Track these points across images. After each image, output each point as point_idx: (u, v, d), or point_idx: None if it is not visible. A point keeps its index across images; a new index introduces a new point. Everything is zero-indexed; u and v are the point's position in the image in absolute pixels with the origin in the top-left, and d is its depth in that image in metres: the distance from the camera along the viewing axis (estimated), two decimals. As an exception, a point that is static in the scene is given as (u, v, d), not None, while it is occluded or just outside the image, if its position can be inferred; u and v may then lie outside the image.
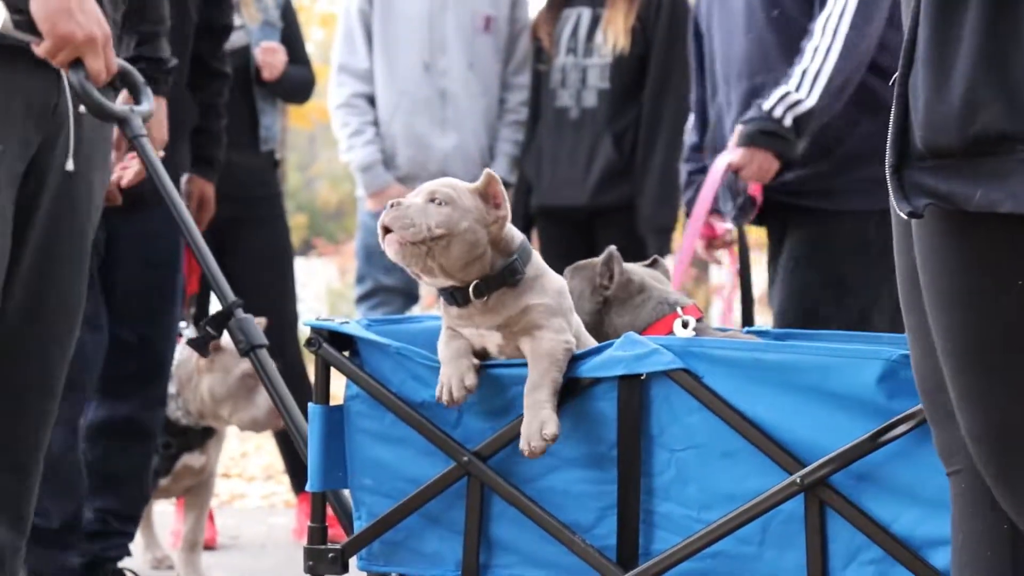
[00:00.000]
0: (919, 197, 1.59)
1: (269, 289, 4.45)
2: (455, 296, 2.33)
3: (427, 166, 4.64)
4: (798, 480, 2.19)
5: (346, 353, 2.42)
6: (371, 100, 4.70)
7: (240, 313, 2.77)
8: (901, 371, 2.15)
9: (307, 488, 2.43)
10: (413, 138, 4.67)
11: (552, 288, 2.36)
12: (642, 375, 2.27)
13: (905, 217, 1.61)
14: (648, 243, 4.59)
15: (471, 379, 2.29)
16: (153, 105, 2.95)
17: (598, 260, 2.63)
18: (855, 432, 2.17)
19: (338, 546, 2.41)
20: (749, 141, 3.39)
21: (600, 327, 2.55)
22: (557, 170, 4.65)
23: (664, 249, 4.66)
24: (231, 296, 2.78)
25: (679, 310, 2.56)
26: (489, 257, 2.31)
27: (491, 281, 2.31)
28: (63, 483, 3.29)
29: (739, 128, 3.43)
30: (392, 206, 2.27)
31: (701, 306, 9.07)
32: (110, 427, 3.60)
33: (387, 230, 2.27)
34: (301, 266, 17.25)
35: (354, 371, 2.40)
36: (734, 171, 3.40)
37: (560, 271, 2.68)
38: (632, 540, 2.29)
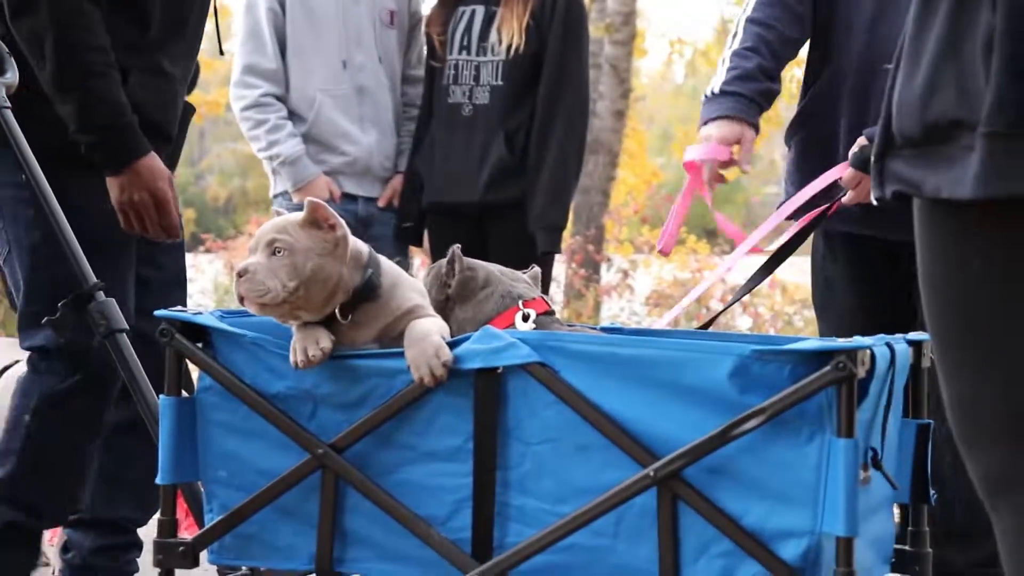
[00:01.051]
0: (891, 184, 1.65)
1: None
2: (322, 322, 2.33)
3: (355, 164, 4.60)
4: (651, 473, 2.20)
5: (199, 344, 2.38)
6: (280, 100, 4.63)
7: (101, 296, 2.72)
8: (753, 366, 2.17)
9: (157, 480, 2.39)
10: (337, 136, 4.61)
11: (416, 289, 2.40)
12: (499, 368, 2.26)
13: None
14: (538, 240, 4.58)
15: (326, 342, 2.29)
16: (17, 76, 2.89)
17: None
18: (707, 426, 2.18)
19: (188, 539, 2.38)
20: (862, 166, 3.16)
21: (446, 322, 2.54)
22: (450, 167, 4.63)
23: (554, 246, 4.66)
24: (92, 278, 2.73)
25: (520, 304, 2.56)
26: (347, 279, 2.32)
27: (353, 300, 2.33)
28: (73, 490, 3.13)
29: (860, 143, 3.21)
30: (240, 275, 2.29)
31: (590, 305, 9.10)
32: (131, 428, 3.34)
33: (244, 297, 2.29)
34: (189, 261, 17.12)
35: (207, 362, 2.37)
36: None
37: None
38: (487, 533, 2.29)
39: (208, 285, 14.84)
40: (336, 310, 2.32)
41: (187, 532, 4.26)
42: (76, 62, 2.91)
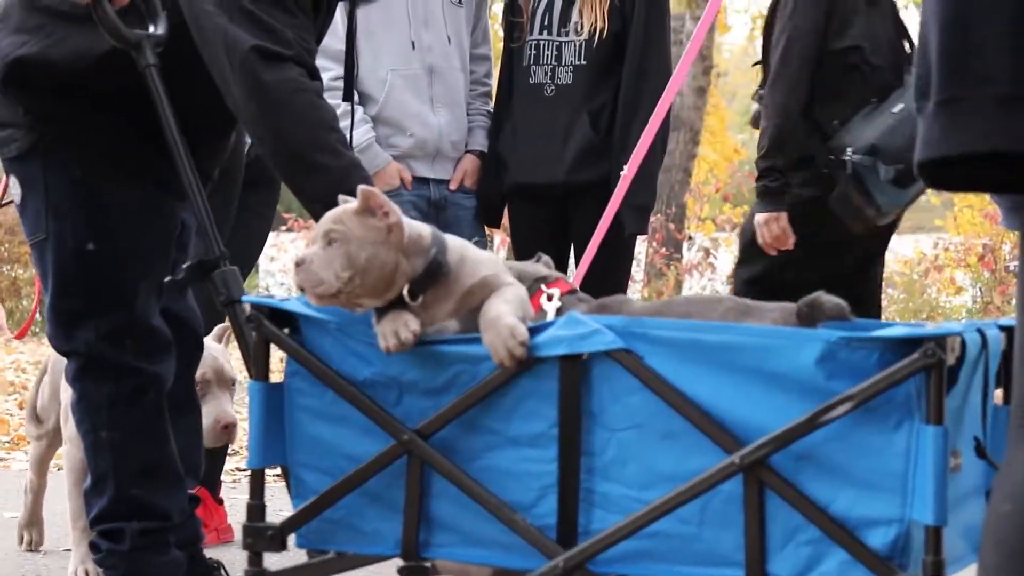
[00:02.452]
0: None
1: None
2: (394, 304, 2.34)
3: (425, 145, 4.60)
4: (737, 460, 2.19)
5: (287, 330, 2.40)
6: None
7: (226, 265, 2.71)
8: (840, 353, 2.15)
9: (247, 465, 2.41)
10: (409, 118, 4.61)
11: (484, 261, 2.39)
12: (583, 355, 2.26)
13: None
14: (625, 221, 4.57)
15: (415, 324, 2.30)
16: (166, 31, 2.84)
17: None
18: (794, 413, 2.17)
19: (276, 524, 2.40)
20: None
21: None
22: (532, 147, 4.61)
23: (642, 227, 4.64)
24: (221, 247, 2.73)
25: (543, 287, 2.57)
26: (406, 264, 2.33)
27: (420, 282, 2.33)
28: (177, 476, 3.13)
29: None
30: (297, 265, 2.31)
31: (672, 284, 9.07)
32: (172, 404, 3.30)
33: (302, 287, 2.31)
34: (271, 240, 17.21)
35: (294, 348, 2.39)
36: None
37: (533, 249, 2.68)
38: (572, 519, 2.29)
39: (290, 264, 14.95)
40: (404, 293, 2.32)
41: (215, 531, 4.30)
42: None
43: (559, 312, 2.53)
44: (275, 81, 2.81)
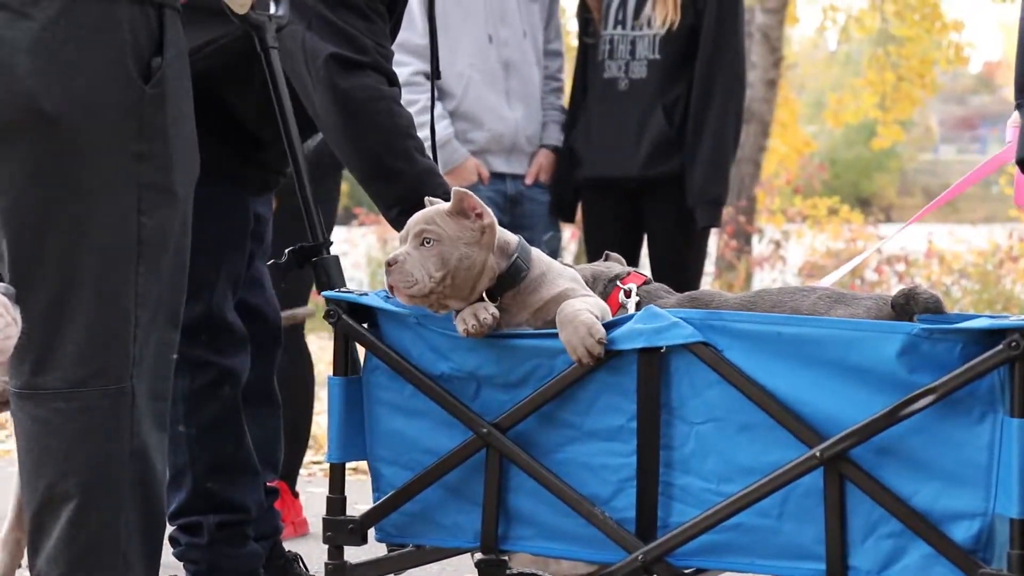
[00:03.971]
0: None
1: None
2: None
3: (502, 140, 4.60)
4: (818, 453, 2.18)
5: (365, 325, 2.42)
6: (428, 77, 4.63)
7: (327, 253, 2.73)
8: (922, 345, 2.14)
9: (327, 459, 2.43)
10: (486, 112, 4.62)
11: (567, 276, 2.41)
12: (662, 348, 2.26)
13: None
14: (698, 215, 4.56)
15: (493, 309, 2.31)
16: (288, 12, 2.80)
17: None
18: (875, 406, 2.16)
19: (356, 517, 2.41)
20: None
21: None
22: (607, 141, 4.61)
23: (715, 221, 4.63)
24: (324, 234, 2.74)
25: (619, 283, 2.57)
26: (492, 266, 2.34)
27: (500, 285, 2.35)
28: (253, 470, 3.14)
29: None
30: (390, 265, 2.32)
31: (742, 277, 9.04)
32: (248, 396, 3.29)
33: (393, 287, 2.32)
34: (342, 235, 17.31)
35: (373, 343, 2.40)
36: None
37: (606, 244, 2.68)
38: (651, 512, 2.29)
39: (361, 259, 15.02)
40: (484, 295, 2.34)
41: (291, 524, 4.30)
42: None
43: (639, 306, 2.52)
44: (353, 89, 2.82)
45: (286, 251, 2.63)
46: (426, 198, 2.44)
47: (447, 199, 2.49)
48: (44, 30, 2.15)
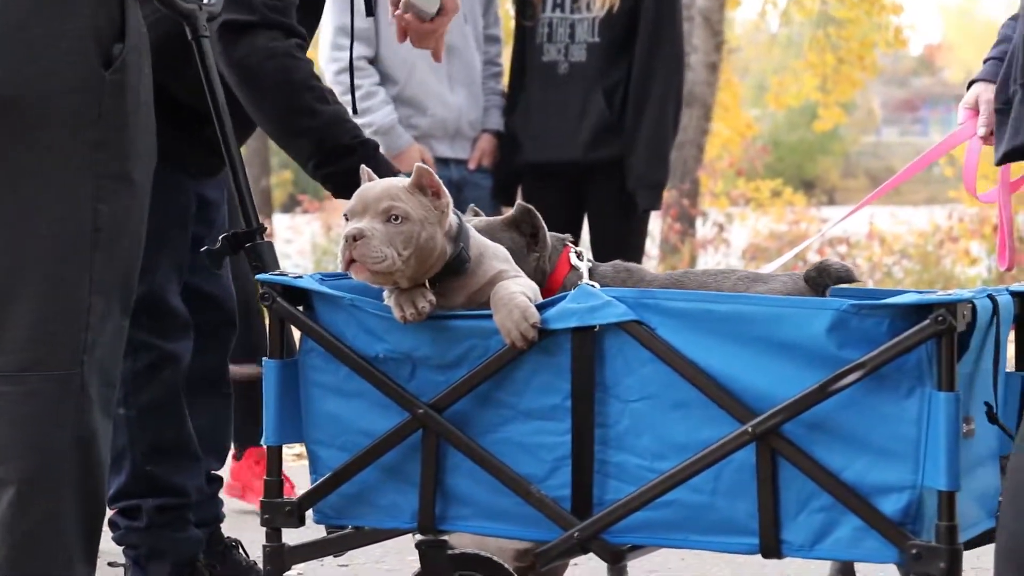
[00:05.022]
0: None
1: None
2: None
3: (445, 125, 4.60)
4: (750, 429, 2.20)
5: (300, 307, 2.42)
6: (371, 62, 4.62)
7: (260, 239, 2.72)
8: (850, 320, 2.16)
9: (263, 442, 2.43)
10: (429, 97, 4.60)
11: (500, 256, 2.41)
12: (595, 327, 2.27)
13: None
14: (639, 199, 4.58)
15: (431, 295, 2.31)
16: (222, 3, 2.77)
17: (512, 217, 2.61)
18: (805, 381, 2.18)
19: (294, 499, 2.42)
20: None
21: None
22: (547, 126, 4.62)
23: (655, 204, 4.65)
24: (256, 220, 2.73)
25: (568, 243, 2.61)
26: (445, 249, 2.34)
27: (444, 272, 2.35)
28: (194, 455, 3.13)
29: None
30: (355, 239, 2.27)
31: (686, 260, 9.13)
32: (199, 382, 3.28)
33: (352, 260, 2.28)
34: (286, 222, 17.23)
35: (308, 325, 2.40)
36: None
37: (547, 228, 2.68)
38: (586, 490, 2.30)
39: (306, 246, 14.99)
40: (426, 283, 2.34)
41: (254, 494, 4.31)
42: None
43: (591, 273, 2.55)
44: (244, 56, 2.83)
45: (220, 237, 2.62)
46: (362, 168, 2.42)
47: (359, 143, 2.54)
48: (6, 11, 2.12)
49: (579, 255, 2.60)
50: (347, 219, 2.33)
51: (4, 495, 2.13)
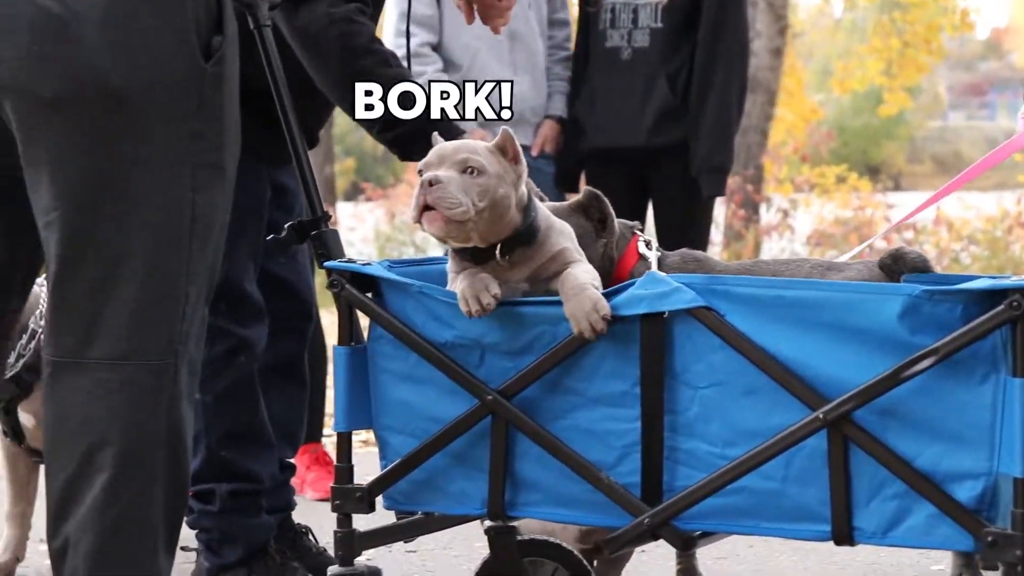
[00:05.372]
0: None
1: None
2: (476, 255, 2.35)
3: None
4: (821, 416, 2.19)
5: (369, 294, 2.43)
6: (435, 49, 4.62)
7: (325, 227, 2.73)
8: (923, 306, 2.14)
9: (333, 428, 2.45)
10: None
11: (565, 233, 2.41)
12: (664, 313, 2.27)
13: None
14: (703, 184, 4.56)
15: (496, 288, 2.30)
16: None
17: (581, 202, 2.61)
18: (877, 368, 2.16)
19: (364, 485, 2.43)
20: None
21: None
22: (610, 111, 4.61)
23: (719, 189, 4.64)
24: (322, 208, 2.75)
25: (637, 231, 2.60)
26: (515, 216, 2.34)
27: (515, 240, 2.35)
28: (268, 442, 3.16)
29: None
30: (431, 184, 2.28)
31: (750, 246, 9.09)
32: (273, 370, 3.32)
33: (427, 208, 2.28)
34: (349, 211, 17.30)
35: (377, 312, 2.41)
36: None
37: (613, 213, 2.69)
38: (656, 477, 2.30)
39: (369, 234, 15.04)
40: (497, 249, 2.34)
41: (310, 488, 4.38)
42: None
43: (659, 262, 2.55)
44: (304, 25, 2.84)
45: (285, 226, 2.64)
46: (434, 135, 2.42)
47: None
48: (113, 4, 2.15)
49: (647, 244, 2.60)
50: (421, 174, 2.34)
51: (98, 480, 2.16)
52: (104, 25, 2.12)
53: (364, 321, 2.45)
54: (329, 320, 8.22)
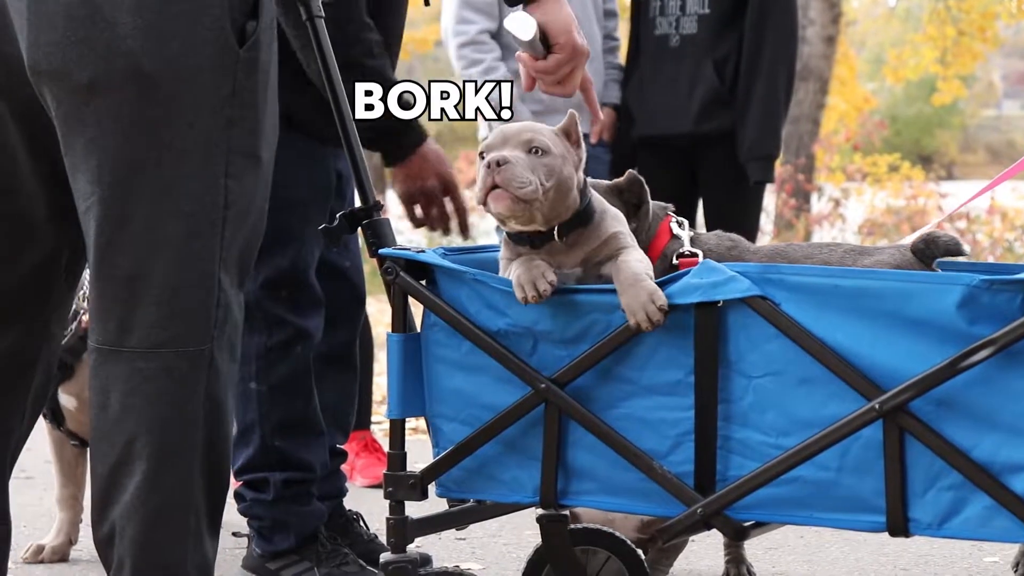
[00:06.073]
0: None
1: None
2: (533, 239, 2.35)
3: (567, 99, 4.59)
4: (877, 406, 2.17)
5: (423, 282, 2.43)
6: (494, 36, 4.62)
7: (377, 215, 2.73)
8: (982, 296, 2.12)
9: (386, 415, 2.45)
10: None
11: (618, 218, 2.42)
12: (719, 302, 2.26)
13: None
14: (750, 171, 4.54)
15: (552, 275, 2.30)
16: None
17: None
18: (934, 358, 2.14)
19: (417, 472, 2.43)
20: None
21: None
22: (659, 99, 4.60)
23: (767, 176, 4.62)
24: (374, 196, 2.75)
25: (670, 212, 2.60)
26: (576, 198, 2.36)
27: (573, 221, 2.35)
28: (320, 431, 3.17)
29: None
30: (498, 164, 2.28)
31: (800, 235, 9.10)
32: (327, 358, 3.33)
33: (493, 187, 2.28)
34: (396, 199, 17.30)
35: (431, 299, 2.41)
36: None
37: (662, 200, 2.69)
38: (710, 466, 2.29)
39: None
40: (555, 231, 2.34)
41: (360, 475, 4.41)
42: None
43: (692, 242, 2.55)
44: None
45: (338, 215, 2.64)
46: (487, 121, 2.43)
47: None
48: None
49: (680, 224, 2.59)
50: (483, 156, 2.34)
51: (138, 469, 2.17)
52: (136, 9, 2.12)
53: (415, 308, 2.46)
54: (375, 308, 8.32)
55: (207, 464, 2.21)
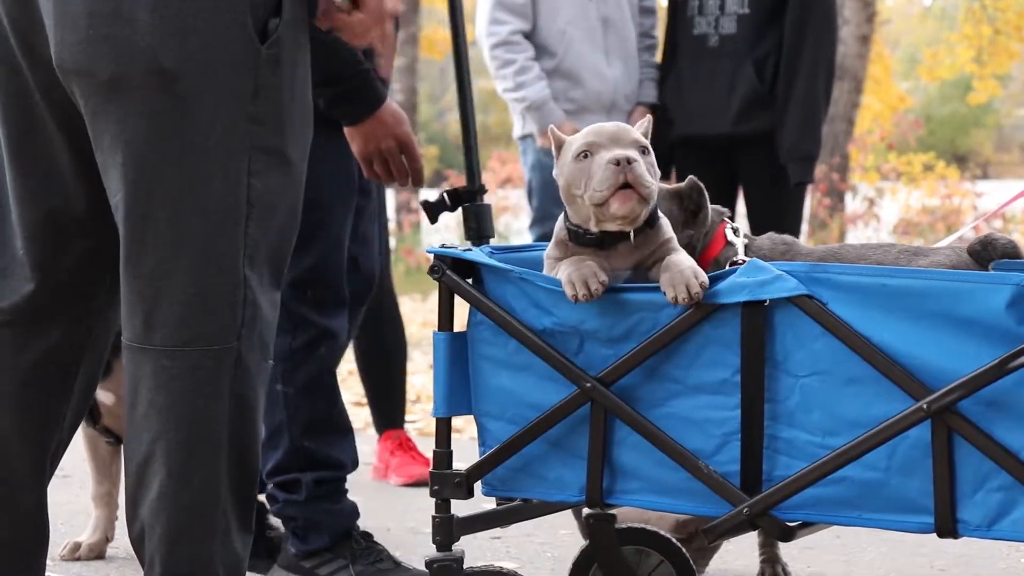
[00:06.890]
0: None
1: None
2: (604, 239, 2.35)
3: (601, 98, 4.60)
4: (925, 406, 2.16)
5: (469, 280, 2.43)
6: (527, 37, 4.63)
7: (480, 199, 2.70)
8: (1032, 295, 2.11)
9: (432, 414, 2.46)
10: (586, 70, 4.61)
11: (668, 224, 2.42)
12: (766, 301, 2.25)
13: None
14: (790, 172, 4.53)
15: (603, 275, 2.29)
16: None
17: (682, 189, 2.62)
18: (983, 358, 2.13)
19: (463, 471, 2.44)
20: None
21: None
22: (698, 99, 4.59)
23: (807, 177, 4.61)
24: (479, 180, 2.73)
25: (726, 218, 2.59)
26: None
27: (645, 224, 2.35)
28: (347, 428, 3.20)
29: None
30: (628, 162, 2.27)
31: (835, 235, 9.06)
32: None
33: (624, 186, 2.27)
34: (433, 197, 17.31)
35: (478, 298, 2.41)
36: None
37: None
38: (756, 466, 2.28)
39: (451, 221, 15.08)
40: (632, 231, 2.33)
41: (394, 474, 4.43)
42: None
43: (746, 248, 2.54)
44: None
45: (442, 191, 2.61)
46: (550, 127, 2.43)
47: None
48: None
49: (735, 231, 2.58)
50: (585, 156, 2.33)
51: (165, 467, 2.18)
52: (156, 6, 2.13)
53: (460, 307, 2.46)
54: (408, 307, 8.34)
55: (234, 462, 2.21)
